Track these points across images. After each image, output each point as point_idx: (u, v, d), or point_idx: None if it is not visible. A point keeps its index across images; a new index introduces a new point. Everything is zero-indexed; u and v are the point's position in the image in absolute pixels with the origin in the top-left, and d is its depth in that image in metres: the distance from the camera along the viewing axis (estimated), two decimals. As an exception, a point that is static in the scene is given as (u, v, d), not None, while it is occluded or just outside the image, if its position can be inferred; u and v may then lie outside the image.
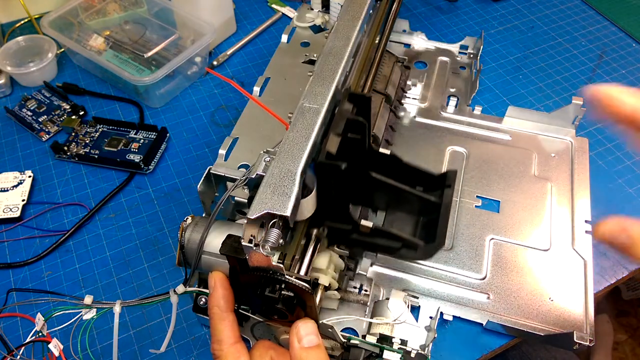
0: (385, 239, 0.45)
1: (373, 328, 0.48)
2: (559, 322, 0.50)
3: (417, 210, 0.48)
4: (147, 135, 0.67)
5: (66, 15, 0.75)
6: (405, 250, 0.44)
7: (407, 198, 0.47)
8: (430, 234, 0.45)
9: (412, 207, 0.48)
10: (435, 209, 0.46)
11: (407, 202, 0.48)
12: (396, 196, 0.47)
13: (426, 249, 0.44)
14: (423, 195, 0.46)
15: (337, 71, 0.46)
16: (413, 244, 0.44)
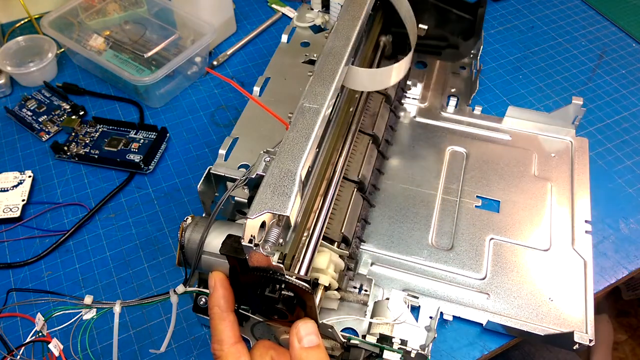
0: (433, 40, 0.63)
1: (373, 328, 0.48)
2: (559, 322, 0.50)
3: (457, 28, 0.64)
4: (147, 135, 0.67)
5: (66, 15, 0.75)
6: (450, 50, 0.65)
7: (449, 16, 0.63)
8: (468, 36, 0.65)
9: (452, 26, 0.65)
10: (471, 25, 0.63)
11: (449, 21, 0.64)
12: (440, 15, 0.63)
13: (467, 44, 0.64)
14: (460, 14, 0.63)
15: (337, 71, 0.46)
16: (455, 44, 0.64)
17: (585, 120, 0.68)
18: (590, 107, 0.70)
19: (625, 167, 0.64)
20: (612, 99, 0.72)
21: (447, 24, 0.65)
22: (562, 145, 0.64)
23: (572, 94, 0.71)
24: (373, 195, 0.59)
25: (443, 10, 0.63)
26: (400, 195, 0.60)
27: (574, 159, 0.62)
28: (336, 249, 0.48)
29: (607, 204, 0.60)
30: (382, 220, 0.58)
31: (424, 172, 0.62)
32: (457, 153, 0.64)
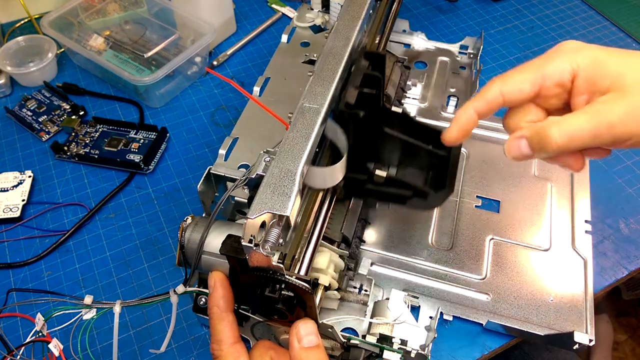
0: (397, 188, 0.49)
1: (373, 328, 0.48)
2: (559, 322, 0.50)
3: (427, 164, 0.52)
4: (147, 135, 0.67)
5: (66, 15, 0.75)
6: (417, 199, 0.48)
7: (418, 152, 0.50)
8: (439, 184, 0.49)
9: (422, 161, 0.51)
10: (444, 162, 0.49)
11: (418, 157, 0.51)
12: (407, 151, 0.51)
13: (436, 196, 0.48)
14: (432, 150, 0.50)
15: (337, 71, 0.46)
16: (423, 192, 0.48)
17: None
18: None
19: (625, 167, 0.64)
20: (612, 99, 0.71)
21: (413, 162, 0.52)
22: (562, 145, 0.64)
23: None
24: (373, 195, 0.59)
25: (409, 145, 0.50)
26: (400, 195, 0.60)
27: (574, 159, 0.62)
28: (336, 249, 0.48)
29: (607, 204, 0.60)
30: (382, 220, 0.58)
31: (424, 172, 0.62)
32: (457, 153, 0.64)
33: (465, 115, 0.40)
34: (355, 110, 0.44)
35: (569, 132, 0.34)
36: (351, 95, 0.45)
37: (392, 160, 0.52)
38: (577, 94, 0.37)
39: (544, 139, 0.35)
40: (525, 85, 0.38)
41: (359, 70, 0.47)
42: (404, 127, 0.50)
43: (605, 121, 0.34)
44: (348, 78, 0.47)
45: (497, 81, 0.38)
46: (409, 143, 0.50)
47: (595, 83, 0.36)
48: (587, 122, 0.34)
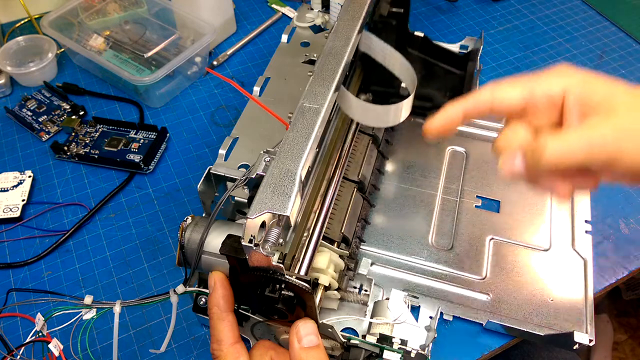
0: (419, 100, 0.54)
1: (373, 328, 0.48)
2: (559, 322, 0.50)
3: (444, 84, 0.56)
4: (147, 135, 0.67)
5: (66, 15, 0.75)
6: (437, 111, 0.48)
7: (436, 71, 0.56)
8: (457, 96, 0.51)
9: (440, 81, 0.56)
10: (460, 81, 0.54)
11: (436, 76, 0.56)
12: (427, 70, 0.56)
13: None
14: (450, 69, 0.55)
15: (337, 71, 0.46)
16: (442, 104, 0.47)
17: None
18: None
19: (625, 167, 0.64)
20: (612, 99, 0.71)
21: (433, 80, 0.57)
22: (562, 145, 0.64)
23: (572, 94, 0.71)
24: (373, 195, 0.59)
25: (429, 64, 0.56)
26: (400, 195, 0.60)
27: (574, 159, 0.62)
28: (336, 249, 0.48)
29: (607, 204, 0.60)
30: (382, 220, 0.58)
31: (424, 172, 0.62)
32: (457, 153, 0.64)
33: (453, 110, 0.40)
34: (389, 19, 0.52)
35: (563, 148, 0.34)
36: (384, 8, 0.53)
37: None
38: (568, 112, 0.37)
39: (539, 154, 0.35)
40: (516, 94, 0.38)
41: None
42: (425, 49, 0.57)
43: (600, 140, 0.34)
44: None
45: (490, 87, 0.39)
46: (428, 62, 0.56)
47: (585, 103, 0.36)
48: (580, 139, 0.34)
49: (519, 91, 0.38)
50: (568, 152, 0.34)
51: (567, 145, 0.34)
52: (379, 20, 0.52)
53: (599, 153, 0.34)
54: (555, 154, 0.34)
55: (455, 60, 0.56)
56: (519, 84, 0.38)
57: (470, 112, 0.40)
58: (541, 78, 0.38)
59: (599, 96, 0.36)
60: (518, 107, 0.38)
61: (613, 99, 0.35)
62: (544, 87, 0.37)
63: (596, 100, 0.35)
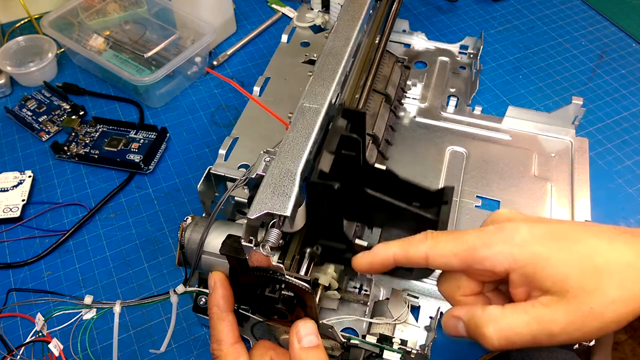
0: None
1: (373, 328, 0.48)
2: (559, 322, 0.50)
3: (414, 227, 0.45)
4: (147, 135, 0.67)
5: (66, 15, 0.75)
6: (402, 271, 0.42)
7: (403, 215, 0.45)
8: None
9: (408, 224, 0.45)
10: (432, 226, 0.43)
11: (403, 219, 0.45)
12: (392, 213, 0.45)
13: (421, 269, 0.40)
14: (419, 212, 0.44)
15: (337, 71, 0.46)
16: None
17: (585, 120, 0.68)
18: (590, 107, 0.70)
19: (625, 167, 0.64)
20: (612, 99, 0.72)
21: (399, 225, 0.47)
22: (562, 145, 0.64)
23: (572, 94, 0.71)
24: (373, 195, 0.59)
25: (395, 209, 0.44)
26: (400, 195, 0.60)
27: (574, 159, 0.62)
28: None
29: (607, 204, 0.60)
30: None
31: (424, 172, 0.62)
32: (457, 153, 0.64)
33: (384, 253, 0.37)
34: (330, 183, 0.38)
35: (506, 335, 0.32)
36: (326, 162, 0.40)
37: (375, 222, 0.48)
38: (513, 285, 0.33)
39: (481, 335, 0.33)
40: (453, 261, 0.34)
41: (336, 131, 0.42)
42: (388, 187, 0.45)
43: (546, 330, 0.31)
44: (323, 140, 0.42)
45: (427, 242, 0.36)
46: (394, 205, 0.44)
47: (534, 282, 0.32)
48: (525, 325, 0.31)
49: (458, 257, 0.34)
50: (511, 336, 0.32)
51: (511, 328, 0.32)
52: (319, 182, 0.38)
53: (546, 341, 0.32)
54: (498, 337, 0.32)
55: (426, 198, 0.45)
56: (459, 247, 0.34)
57: (401, 261, 0.37)
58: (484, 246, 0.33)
59: (551, 277, 0.32)
60: (455, 270, 0.35)
61: (567, 281, 0.31)
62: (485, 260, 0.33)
63: (545, 285, 0.32)
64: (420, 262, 0.36)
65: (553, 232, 0.33)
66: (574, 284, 0.31)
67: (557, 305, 0.31)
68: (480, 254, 0.33)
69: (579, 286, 0.31)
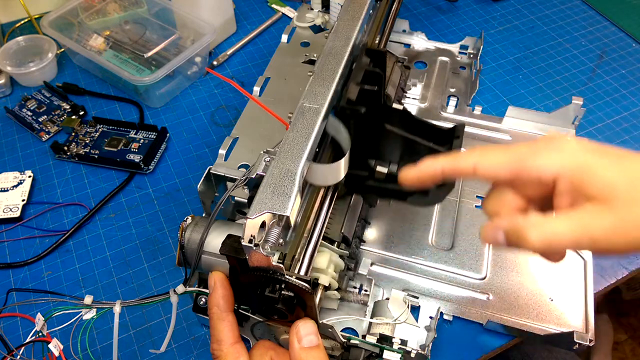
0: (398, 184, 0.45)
1: (373, 328, 0.48)
2: (559, 322, 0.50)
3: None
4: (147, 135, 0.67)
5: (66, 15, 0.75)
6: (418, 196, 0.47)
7: (418, 149, 0.49)
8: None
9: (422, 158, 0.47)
10: None
11: (418, 154, 0.49)
12: (408, 147, 0.50)
13: (437, 192, 0.46)
14: (433, 146, 0.48)
15: (337, 71, 0.46)
16: (424, 189, 0.46)
17: (585, 120, 0.68)
18: (590, 107, 0.70)
19: (625, 167, 0.64)
20: (612, 99, 0.72)
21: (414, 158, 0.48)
22: (562, 145, 0.64)
23: (572, 94, 0.71)
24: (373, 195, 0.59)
25: (410, 142, 0.49)
26: (400, 195, 0.60)
27: (574, 159, 0.62)
28: (336, 249, 0.48)
29: (607, 204, 0.60)
30: (382, 220, 0.58)
31: (424, 172, 0.62)
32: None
33: (432, 167, 0.39)
34: (357, 107, 0.44)
35: (549, 238, 0.33)
36: (352, 91, 0.45)
37: (393, 157, 0.51)
38: (559, 194, 0.34)
39: (522, 239, 0.33)
40: (502, 170, 0.36)
41: (360, 67, 0.47)
42: (404, 124, 0.50)
43: (589, 234, 0.32)
44: (349, 75, 0.47)
45: (476, 154, 0.37)
46: (409, 140, 0.49)
47: (581, 189, 0.33)
48: (569, 230, 0.32)
49: (507, 166, 0.35)
50: (553, 239, 0.33)
51: (554, 232, 0.33)
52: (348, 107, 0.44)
53: (588, 246, 0.32)
54: (540, 240, 0.33)
55: (439, 135, 0.49)
56: (508, 157, 0.36)
57: (449, 173, 0.38)
58: (533, 155, 0.35)
59: (598, 184, 0.32)
60: (503, 180, 0.36)
61: (613, 188, 0.32)
62: (535, 168, 0.34)
63: (593, 190, 0.32)
64: (468, 173, 0.37)
65: (602, 148, 0.34)
66: (621, 193, 0.31)
67: (602, 213, 0.32)
68: (529, 162, 0.34)
69: (626, 195, 0.31)
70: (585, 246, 0.32)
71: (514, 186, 0.36)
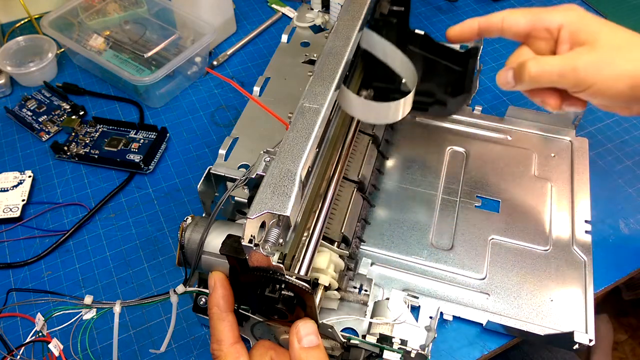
0: (420, 95, 0.54)
1: (373, 328, 0.48)
2: (559, 322, 0.50)
3: (445, 81, 0.58)
4: (147, 135, 0.67)
5: (66, 15, 0.75)
6: (437, 106, 0.57)
7: (437, 68, 0.57)
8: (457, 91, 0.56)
9: (441, 77, 0.58)
10: (461, 77, 0.56)
11: (437, 72, 0.57)
12: (428, 66, 0.57)
13: (454, 101, 0.55)
14: (450, 65, 0.56)
15: (337, 71, 0.46)
16: (443, 100, 0.56)
17: (585, 120, 0.68)
18: (591, 107, 0.70)
19: (625, 167, 0.64)
20: (612, 99, 0.71)
21: (434, 76, 0.59)
22: (562, 145, 0.64)
23: (572, 94, 0.71)
24: (373, 195, 0.59)
25: (430, 61, 0.58)
26: (400, 195, 0.60)
27: (574, 159, 0.62)
28: (336, 249, 0.48)
29: (607, 204, 0.60)
30: (382, 220, 0.58)
31: (424, 172, 0.62)
32: (457, 153, 0.64)
33: (470, 22, 0.49)
34: (389, 18, 0.53)
35: (542, 68, 0.43)
36: (384, 6, 0.54)
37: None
38: (561, 42, 0.45)
39: (523, 70, 0.44)
40: (522, 20, 0.46)
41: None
42: (425, 47, 0.58)
43: (572, 65, 0.42)
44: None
45: (504, 12, 0.48)
46: (429, 59, 0.57)
47: (576, 36, 0.44)
48: (558, 62, 0.43)
49: (526, 18, 0.46)
50: (544, 72, 0.43)
51: (545, 67, 0.43)
52: (380, 19, 0.54)
53: (570, 76, 0.42)
54: (534, 73, 0.43)
55: (456, 57, 0.57)
56: (527, 12, 0.46)
57: (483, 26, 0.49)
58: (546, 10, 0.46)
59: (588, 32, 0.43)
60: (523, 32, 0.47)
61: (599, 35, 0.42)
62: (546, 18, 0.45)
63: (584, 36, 0.43)
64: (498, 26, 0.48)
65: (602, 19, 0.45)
66: (603, 40, 0.42)
67: (586, 51, 0.43)
68: (542, 14, 0.46)
69: (606, 42, 0.42)
70: (569, 76, 0.42)
71: (529, 43, 0.47)
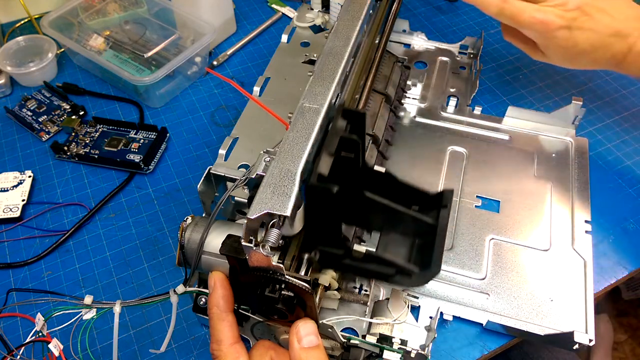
0: (378, 264, 0.43)
1: (373, 328, 0.48)
2: (559, 322, 0.50)
3: (413, 231, 0.46)
4: (147, 135, 0.67)
5: (66, 15, 0.75)
6: (400, 277, 0.43)
7: (402, 219, 0.45)
8: (425, 259, 0.43)
9: (407, 228, 0.46)
10: (431, 230, 0.43)
11: (402, 223, 0.45)
12: (391, 217, 0.45)
13: (421, 275, 0.42)
14: (418, 216, 0.44)
15: (337, 71, 0.46)
16: (407, 271, 0.43)
17: (585, 120, 0.68)
18: (590, 107, 0.70)
19: (625, 167, 0.64)
20: (612, 99, 0.71)
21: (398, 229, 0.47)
22: (562, 145, 0.64)
23: (572, 94, 0.71)
24: (373, 195, 0.59)
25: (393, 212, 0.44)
26: (400, 195, 0.60)
27: (574, 159, 0.62)
28: (336, 250, 0.48)
29: (606, 204, 0.60)
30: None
31: (424, 172, 0.62)
32: (457, 153, 0.64)
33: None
34: (328, 186, 0.37)
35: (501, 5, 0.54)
36: (325, 165, 0.39)
37: (374, 225, 0.48)
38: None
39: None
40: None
41: (336, 132, 0.41)
42: (387, 189, 0.45)
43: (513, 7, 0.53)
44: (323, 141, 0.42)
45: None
46: (392, 209, 0.44)
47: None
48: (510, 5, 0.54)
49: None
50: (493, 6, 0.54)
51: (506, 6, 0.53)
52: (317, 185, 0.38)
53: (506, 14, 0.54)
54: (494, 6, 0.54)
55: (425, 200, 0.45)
56: None
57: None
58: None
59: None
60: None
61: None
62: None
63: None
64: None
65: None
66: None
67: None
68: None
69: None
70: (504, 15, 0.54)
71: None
